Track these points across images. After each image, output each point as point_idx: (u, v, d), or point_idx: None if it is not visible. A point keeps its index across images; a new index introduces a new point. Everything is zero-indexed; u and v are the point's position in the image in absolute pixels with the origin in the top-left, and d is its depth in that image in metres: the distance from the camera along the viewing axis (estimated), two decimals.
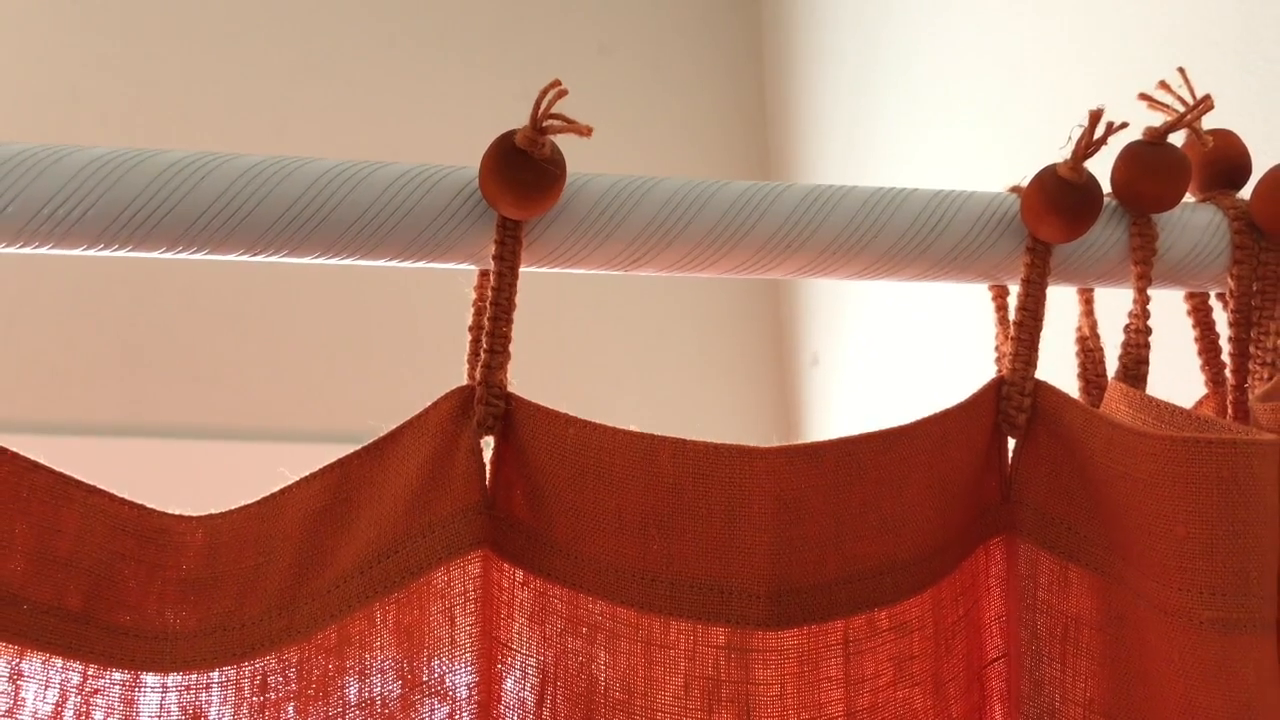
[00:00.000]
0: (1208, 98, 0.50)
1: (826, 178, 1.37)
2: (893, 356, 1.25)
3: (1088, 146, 0.48)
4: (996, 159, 1.06)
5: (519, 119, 0.45)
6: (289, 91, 1.42)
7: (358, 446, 0.47)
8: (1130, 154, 0.50)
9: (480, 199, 0.47)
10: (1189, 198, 0.55)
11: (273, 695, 0.43)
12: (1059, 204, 0.49)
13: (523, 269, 0.48)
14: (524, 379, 0.52)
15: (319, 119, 1.42)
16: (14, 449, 0.44)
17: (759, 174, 1.53)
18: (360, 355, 1.33)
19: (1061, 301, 0.55)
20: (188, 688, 0.43)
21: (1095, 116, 0.48)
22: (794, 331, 1.49)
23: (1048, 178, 0.49)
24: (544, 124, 0.45)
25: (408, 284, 1.31)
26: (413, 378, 1.26)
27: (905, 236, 0.50)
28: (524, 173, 0.45)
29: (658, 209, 0.48)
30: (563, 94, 0.44)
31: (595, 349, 1.44)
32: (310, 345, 1.32)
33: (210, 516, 0.46)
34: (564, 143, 0.47)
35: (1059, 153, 0.51)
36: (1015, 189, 0.53)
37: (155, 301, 1.30)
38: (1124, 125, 0.48)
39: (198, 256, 0.46)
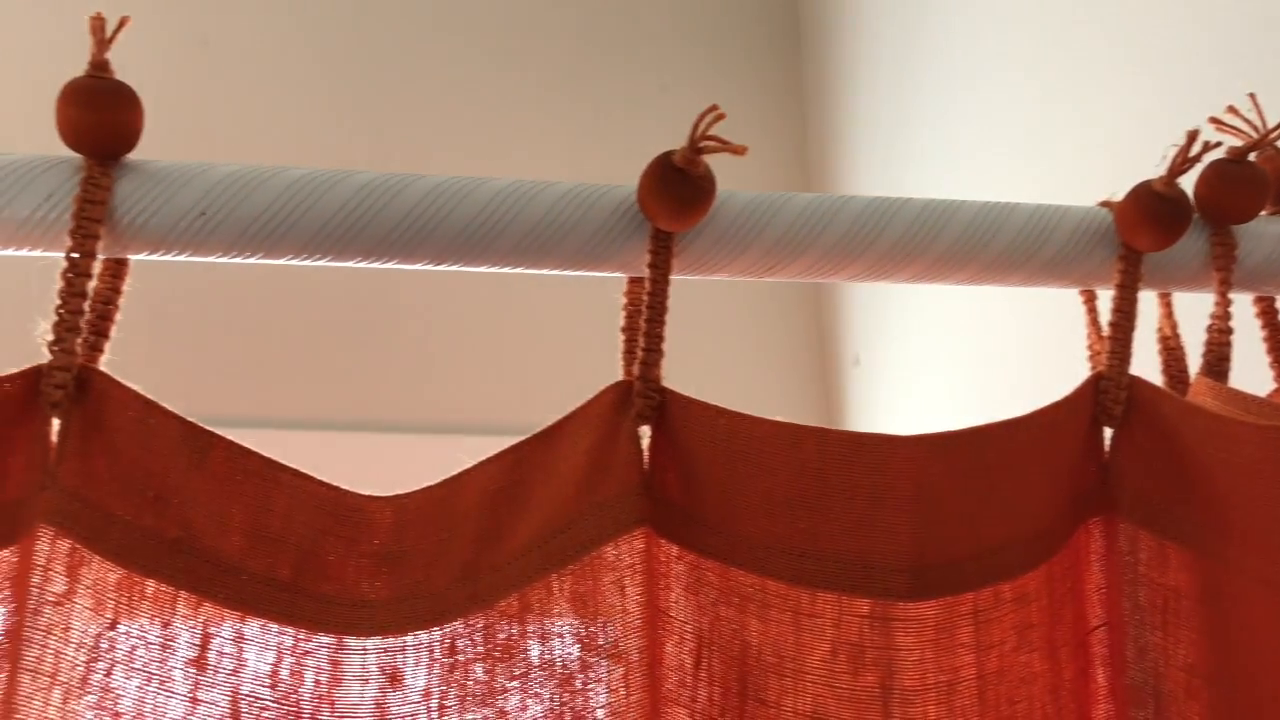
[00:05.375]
0: None
1: None
2: (934, 357, 1.23)
3: (1183, 163, 0.47)
4: (1026, 183, 1.04)
5: (595, 149, 0.45)
6: (392, 128, 1.42)
7: (526, 436, 0.46)
8: (1217, 170, 0.49)
9: (631, 215, 0.46)
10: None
11: (461, 657, 0.42)
12: (1154, 216, 0.48)
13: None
14: (572, 376, 0.51)
15: (419, 148, 1.41)
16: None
17: None
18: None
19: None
20: (385, 650, 0.42)
21: (1192, 137, 0.47)
22: (836, 332, 1.47)
23: (1143, 193, 0.48)
24: (700, 145, 0.44)
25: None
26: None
27: (1011, 247, 0.49)
28: (681, 189, 0.44)
29: (792, 221, 0.47)
30: (720, 118, 0.43)
31: None
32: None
33: (398, 497, 0.45)
34: (631, 165, 0.45)
35: (1097, 170, 0.49)
36: (1105, 204, 0.51)
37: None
38: (1218, 145, 0.47)
39: (389, 266, 0.45)
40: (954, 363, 1.18)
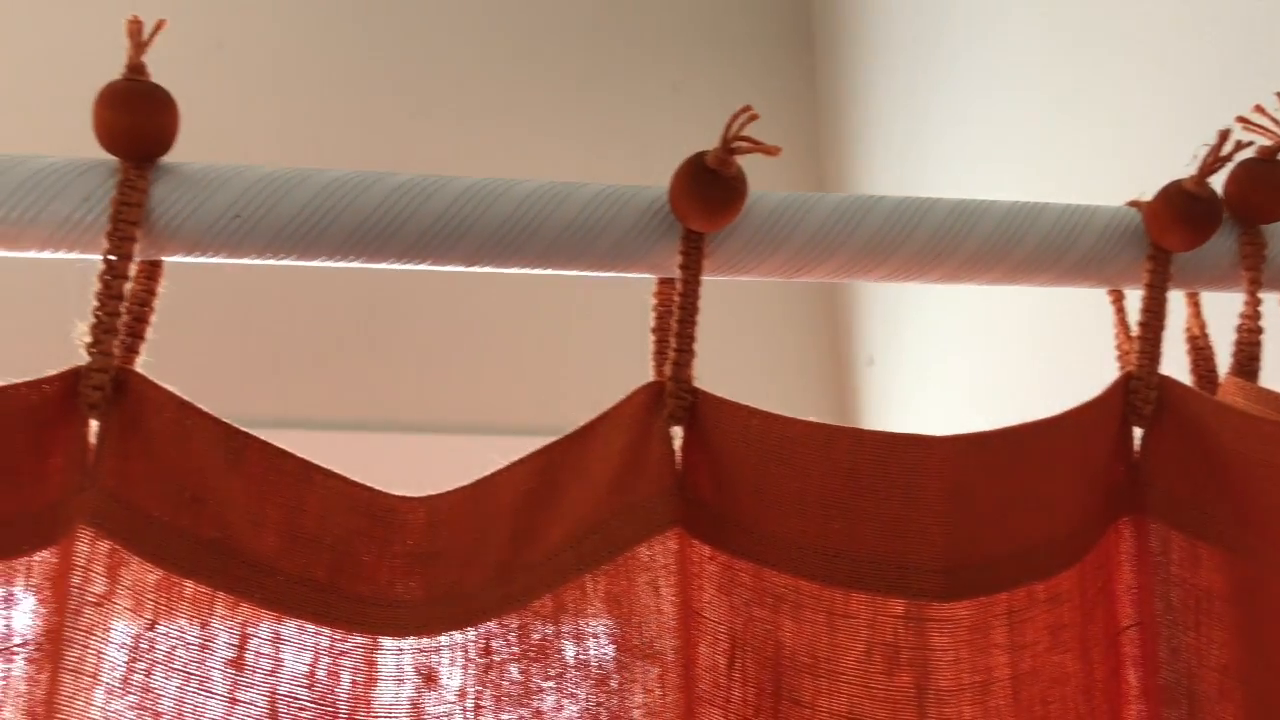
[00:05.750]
0: None
1: None
2: (948, 356, 1.23)
3: (1214, 163, 0.47)
4: (1042, 183, 1.03)
5: (608, 147, 0.45)
6: (406, 129, 1.42)
7: (558, 437, 0.46)
8: (1246, 169, 0.49)
9: (663, 216, 0.46)
10: None
11: (496, 658, 0.42)
12: (1185, 215, 0.47)
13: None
14: (601, 377, 0.50)
15: (433, 149, 1.42)
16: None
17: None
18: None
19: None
20: (420, 650, 0.42)
21: (1223, 136, 0.46)
22: (850, 332, 1.47)
23: (1174, 192, 0.48)
24: (733, 145, 0.44)
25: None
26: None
27: (1040, 247, 0.49)
28: (714, 189, 0.44)
29: (823, 221, 0.47)
30: (753, 118, 0.43)
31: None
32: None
33: (430, 497, 0.45)
34: (643, 164, 0.45)
35: (1113, 171, 0.49)
36: (1134, 203, 0.51)
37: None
38: (1249, 144, 0.47)
39: (422, 267, 0.45)
40: (968, 362, 1.18)
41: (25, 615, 0.39)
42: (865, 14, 1.43)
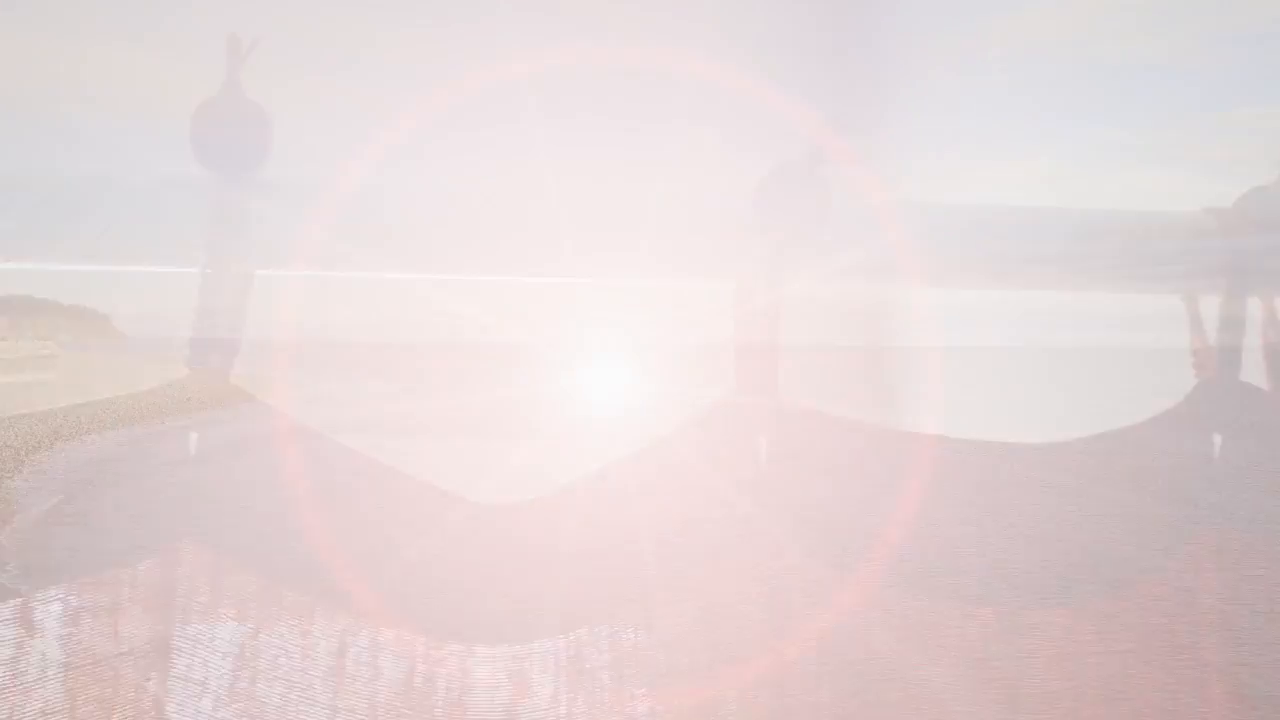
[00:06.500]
0: None
1: None
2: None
3: None
4: None
5: None
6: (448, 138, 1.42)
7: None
8: None
9: None
10: None
11: (588, 665, 0.42)
12: (1266, 220, 0.47)
13: None
14: None
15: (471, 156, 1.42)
16: None
17: None
18: None
19: None
20: (513, 657, 0.42)
21: None
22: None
23: (1254, 198, 0.48)
24: None
25: None
26: None
27: (1119, 253, 0.49)
28: None
29: None
30: None
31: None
32: None
33: (512, 506, 0.45)
34: None
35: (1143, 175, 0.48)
36: (1211, 209, 0.51)
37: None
38: None
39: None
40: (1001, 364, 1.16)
41: (131, 624, 0.39)
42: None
